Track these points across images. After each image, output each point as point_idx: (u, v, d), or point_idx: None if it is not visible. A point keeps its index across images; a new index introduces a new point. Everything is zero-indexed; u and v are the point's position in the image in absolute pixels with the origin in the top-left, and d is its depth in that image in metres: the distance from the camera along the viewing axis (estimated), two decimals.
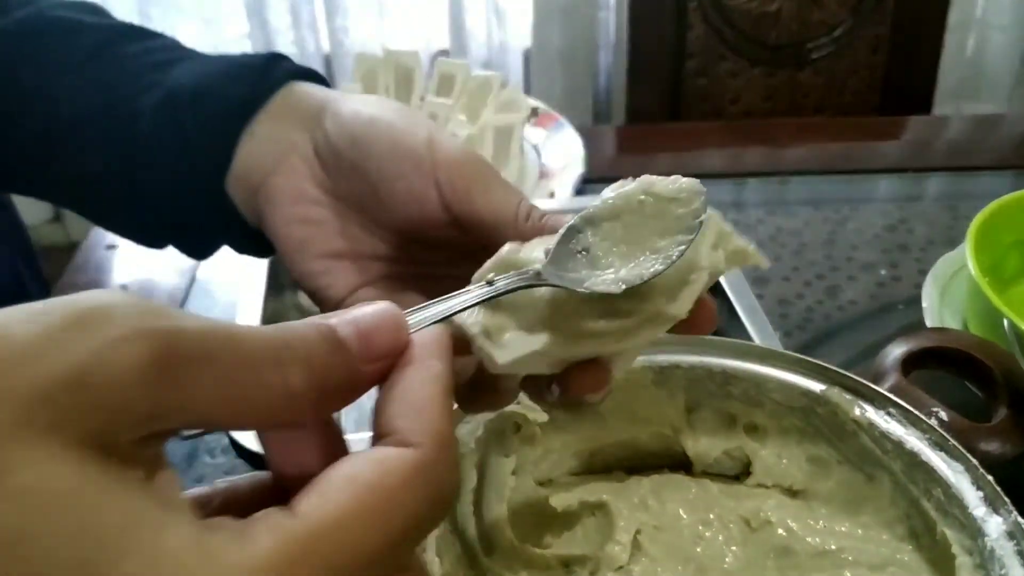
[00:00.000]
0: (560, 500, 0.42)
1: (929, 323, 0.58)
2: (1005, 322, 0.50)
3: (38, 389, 0.15)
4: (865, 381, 0.40)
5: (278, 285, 0.61)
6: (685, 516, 0.42)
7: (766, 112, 1.18)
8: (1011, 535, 0.33)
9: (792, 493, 0.42)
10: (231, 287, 0.68)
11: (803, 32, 1.15)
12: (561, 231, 0.28)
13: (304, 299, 0.65)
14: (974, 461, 0.36)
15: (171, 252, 0.76)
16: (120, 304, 0.17)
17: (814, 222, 0.76)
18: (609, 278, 0.26)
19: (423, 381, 0.21)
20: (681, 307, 0.27)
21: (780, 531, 0.40)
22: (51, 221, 1.92)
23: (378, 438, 0.20)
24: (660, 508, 0.42)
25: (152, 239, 0.42)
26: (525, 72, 1.63)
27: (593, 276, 0.27)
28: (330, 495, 0.18)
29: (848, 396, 0.40)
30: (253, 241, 0.38)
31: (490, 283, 0.26)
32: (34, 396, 0.15)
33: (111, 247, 0.74)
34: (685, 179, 0.28)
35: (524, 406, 0.40)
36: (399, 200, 0.32)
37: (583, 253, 0.27)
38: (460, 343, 0.26)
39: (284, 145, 0.35)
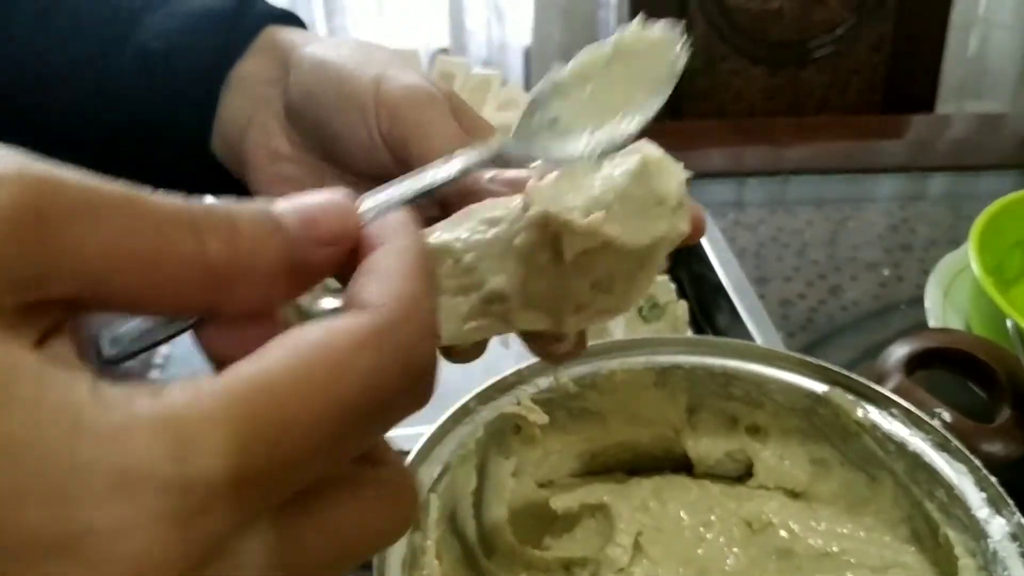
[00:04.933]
0: (560, 502, 0.42)
1: (932, 323, 0.57)
2: (1008, 322, 0.50)
3: None
4: (867, 382, 0.40)
5: None
6: (686, 518, 0.41)
7: (768, 111, 1.18)
8: (1014, 537, 0.33)
9: (794, 495, 0.42)
10: None
11: (805, 31, 1.14)
12: (524, 106, 0.25)
13: (304, 299, 0.65)
14: (977, 462, 0.36)
15: None
16: None
17: (816, 221, 0.76)
18: (581, 144, 0.24)
19: (388, 254, 0.18)
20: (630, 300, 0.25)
21: (782, 533, 0.40)
22: None
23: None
24: (661, 510, 0.42)
25: None
26: (525, 70, 1.63)
27: (567, 143, 0.24)
28: (265, 354, 0.15)
29: (850, 397, 0.40)
30: (237, 191, 0.36)
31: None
32: None
33: None
34: (657, 29, 0.25)
35: (524, 407, 0.40)
36: (352, 151, 0.31)
37: (551, 123, 0.25)
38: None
39: (258, 100, 0.33)
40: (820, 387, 0.40)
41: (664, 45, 0.25)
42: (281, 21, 0.35)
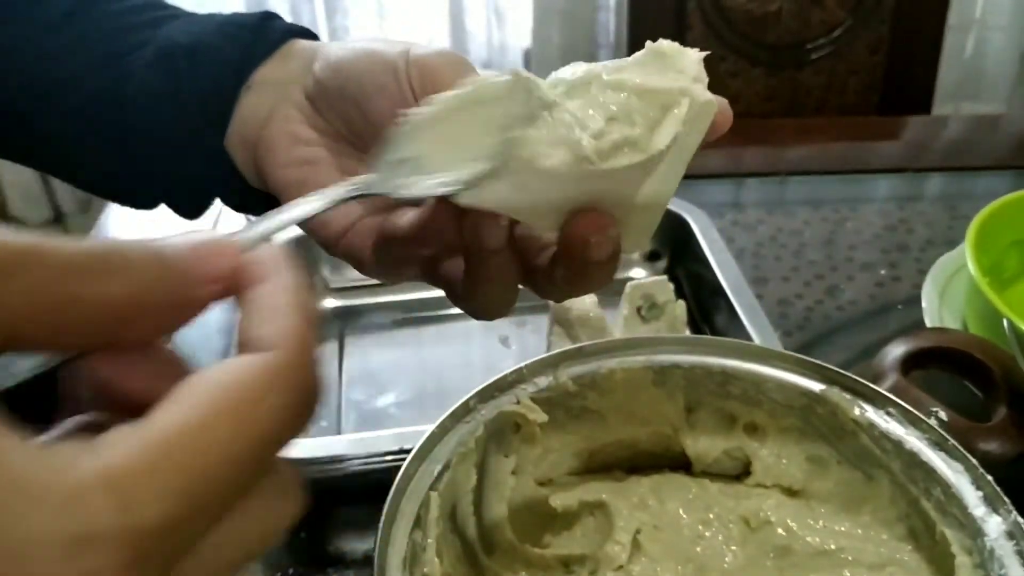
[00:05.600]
0: (560, 500, 0.42)
1: (929, 323, 0.58)
2: (1005, 322, 0.50)
3: None
4: (864, 381, 0.40)
5: None
6: (685, 516, 0.42)
7: (766, 112, 1.18)
8: (1011, 535, 0.33)
9: (791, 493, 0.42)
10: None
11: (803, 32, 1.15)
12: (385, 143, 0.28)
13: None
14: (973, 461, 0.36)
15: None
16: None
17: (814, 222, 0.76)
18: (434, 182, 0.26)
19: (274, 291, 0.20)
20: (661, 140, 0.27)
21: (780, 531, 0.40)
22: (51, 221, 1.92)
23: (239, 351, 0.20)
24: (660, 508, 0.42)
25: (142, 199, 0.41)
26: None
27: (420, 181, 0.26)
28: (185, 401, 0.18)
29: (847, 396, 0.40)
30: (248, 197, 0.38)
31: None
32: None
33: None
34: (505, 77, 0.27)
35: (524, 405, 0.40)
36: (382, 113, 0.32)
37: (409, 161, 0.27)
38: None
39: (279, 95, 0.35)
40: (817, 386, 0.41)
41: (513, 90, 0.27)
42: (302, 36, 0.37)
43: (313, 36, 0.38)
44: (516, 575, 0.39)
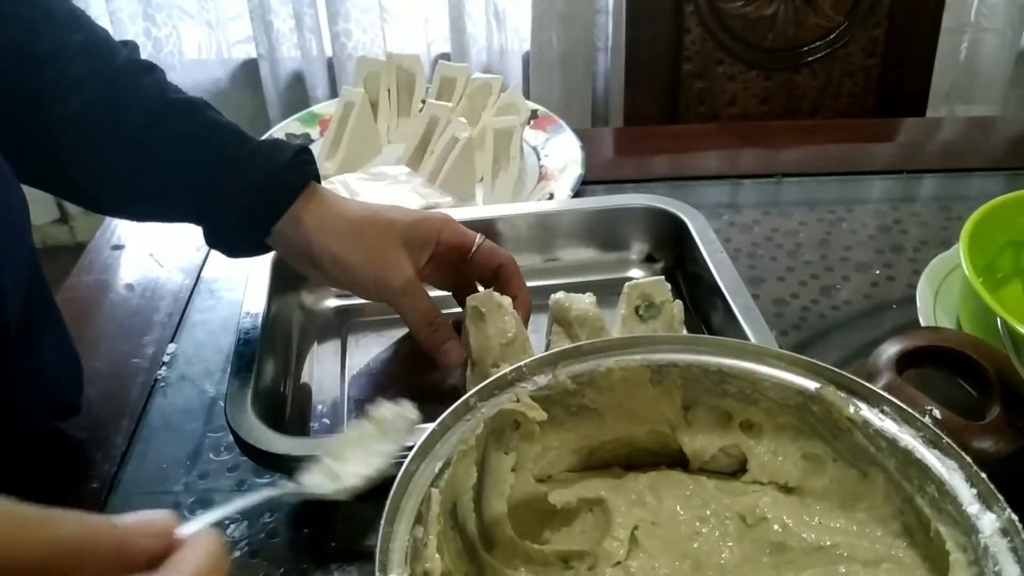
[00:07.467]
0: (559, 496, 0.42)
1: (923, 322, 0.58)
2: (998, 321, 0.51)
3: None
4: (859, 379, 0.40)
5: (282, 285, 0.62)
6: (682, 512, 0.42)
7: (762, 114, 1.19)
8: (1005, 532, 0.34)
9: (787, 490, 0.43)
10: (235, 287, 0.68)
11: (798, 35, 1.15)
12: (319, 454, 0.42)
13: (307, 298, 0.65)
14: (968, 459, 0.36)
15: (175, 252, 0.76)
16: None
17: (809, 223, 0.77)
18: (337, 487, 0.40)
19: (191, 552, 0.27)
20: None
21: (775, 527, 0.41)
22: (57, 222, 1.92)
23: None
24: (657, 504, 0.42)
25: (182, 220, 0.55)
26: (525, 75, 1.64)
27: (325, 483, 0.40)
28: None
29: (842, 394, 0.40)
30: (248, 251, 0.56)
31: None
32: None
33: (117, 247, 0.74)
34: (403, 411, 0.43)
35: (523, 403, 0.41)
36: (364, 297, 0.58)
37: (324, 462, 0.41)
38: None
39: (292, 253, 0.54)
40: (813, 384, 0.41)
41: (403, 420, 0.42)
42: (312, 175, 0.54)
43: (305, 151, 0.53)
44: (516, 571, 0.40)
